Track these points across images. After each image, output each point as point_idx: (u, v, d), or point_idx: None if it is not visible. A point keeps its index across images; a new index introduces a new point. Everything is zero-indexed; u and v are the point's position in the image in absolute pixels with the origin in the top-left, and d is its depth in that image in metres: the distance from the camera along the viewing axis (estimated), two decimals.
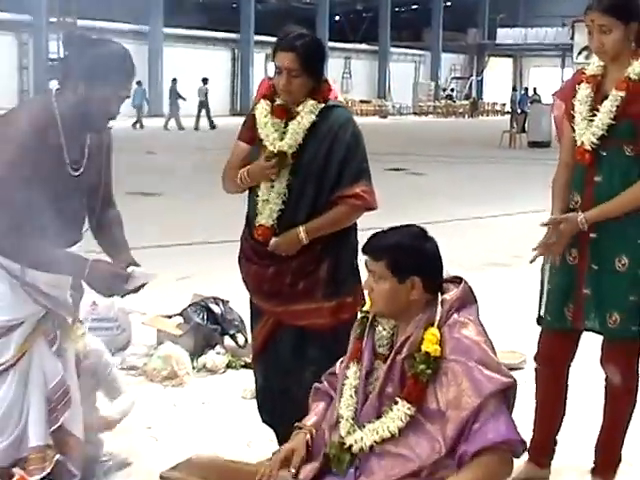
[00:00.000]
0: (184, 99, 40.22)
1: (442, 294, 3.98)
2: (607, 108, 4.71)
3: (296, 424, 4.21)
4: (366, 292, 4.06)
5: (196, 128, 39.77)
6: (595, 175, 4.79)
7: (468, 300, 4.00)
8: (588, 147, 4.74)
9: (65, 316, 4.71)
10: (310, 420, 4.22)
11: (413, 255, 3.94)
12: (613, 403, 5.03)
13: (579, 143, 4.79)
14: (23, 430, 4.57)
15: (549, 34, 63.45)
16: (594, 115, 4.75)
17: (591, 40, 4.75)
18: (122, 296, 4.48)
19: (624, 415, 5.03)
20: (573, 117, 4.86)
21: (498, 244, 13.27)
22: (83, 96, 4.32)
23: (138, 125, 39.91)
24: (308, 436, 4.13)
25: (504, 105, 55.94)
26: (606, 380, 5.02)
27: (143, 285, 4.40)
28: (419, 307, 3.94)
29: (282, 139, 4.81)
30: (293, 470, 4.05)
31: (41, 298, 4.50)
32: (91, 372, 4.90)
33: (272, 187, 4.83)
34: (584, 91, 4.84)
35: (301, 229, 4.77)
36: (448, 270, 4.15)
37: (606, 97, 4.75)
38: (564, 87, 5.17)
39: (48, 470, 4.57)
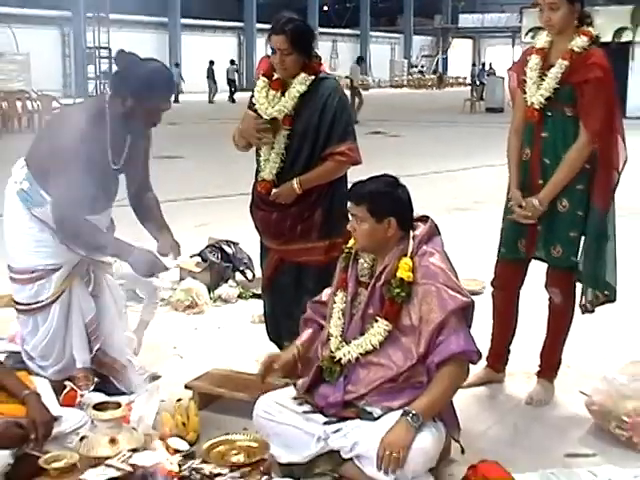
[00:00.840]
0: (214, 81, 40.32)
1: (413, 230, 4.03)
2: (553, 74, 4.73)
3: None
4: (351, 231, 4.10)
5: (210, 102, 39.58)
6: (542, 132, 4.82)
7: (434, 234, 4.09)
8: (537, 107, 4.77)
9: (97, 261, 4.75)
10: (299, 340, 4.31)
11: (388, 199, 4.00)
12: (554, 318, 5.08)
13: (529, 104, 4.81)
14: (70, 355, 4.64)
15: (501, 19, 63.48)
16: (542, 80, 4.77)
17: (541, 16, 4.75)
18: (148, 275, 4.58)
19: (563, 328, 5.08)
20: (525, 83, 4.87)
21: (461, 192, 13.27)
22: (131, 108, 4.37)
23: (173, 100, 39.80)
24: (296, 350, 4.24)
25: (465, 78, 55.79)
26: (549, 300, 5.06)
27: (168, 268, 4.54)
28: (394, 242, 4.00)
29: (274, 107, 4.82)
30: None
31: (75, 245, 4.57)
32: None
33: (272, 148, 4.86)
34: (534, 60, 4.85)
35: (295, 181, 4.81)
36: (420, 213, 4.20)
37: (552, 65, 4.76)
38: (517, 61, 5.17)
39: (92, 387, 4.65)
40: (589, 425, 4.72)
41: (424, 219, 4.14)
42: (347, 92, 23.64)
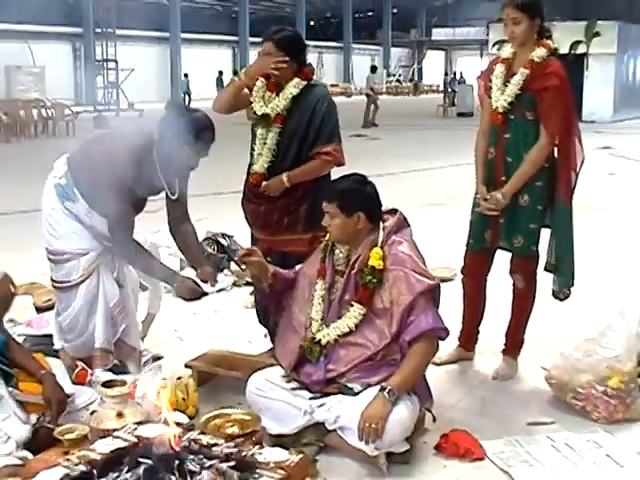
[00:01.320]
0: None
1: (383, 222, 4.05)
2: (516, 81, 4.76)
3: None
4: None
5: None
6: (505, 133, 4.84)
7: (402, 225, 4.12)
8: (501, 110, 4.80)
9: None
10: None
11: (356, 196, 4.03)
12: (517, 302, 5.11)
13: (494, 108, 4.84)
14: (91, 334, 4.68)
15: (470, 32, 63.66)
16: (506, 87, 4.80)
17: (506, 30, 4.80)
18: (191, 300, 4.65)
19: (525, 310, 5.11)
20: (490, 90, 4.89)
21: (435, 189, 13.27)
22: (174, 152, 4.38)
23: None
24: (271, 269, 4.30)
25: (438, 86, 55.67)
26: (513, 285, 5.08)
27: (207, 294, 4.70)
28: (365, 234, 4.03)
29: (268, 106, 4.82)
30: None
31: (101, 237, 4.63)
32: None
33: (264, 144, 4.85)
34: (499, 69, 4.89)
35: (284, 175, 4.80)
36: (399, 208, 4.23)
37: (515, 74, 4.79)
38: (484, 71, 5.19)
39: (109, 366, 4.67)
40: (548, 396, 4.74)
41: (393, 212, 4.17)
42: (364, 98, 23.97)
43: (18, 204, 10.53)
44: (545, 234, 4.95)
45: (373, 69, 32.67)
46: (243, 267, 4.32)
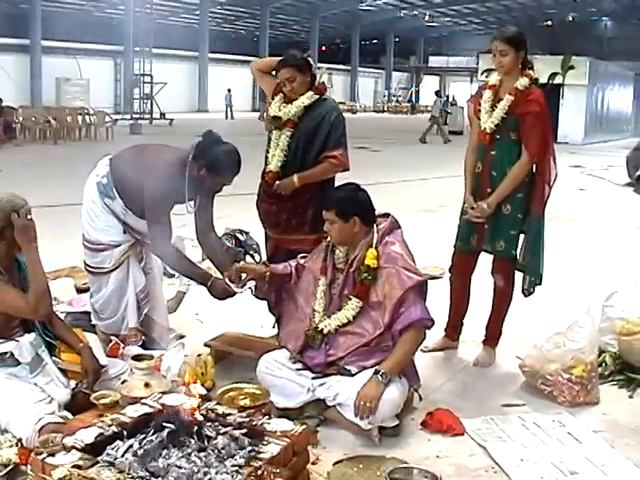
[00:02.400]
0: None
1: (377, 225, 4.05)
2: (502, 106, 4.78)
3: None
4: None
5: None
6: (491, 151, 4.86)
7: (394, 227, 4.15)
8: (488, 131, 4.83)
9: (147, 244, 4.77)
10: (273, 266, 4.42)
11: (351, 203, 4.05)
12: (497, 298, 5.10)
13: (482, 129, 4.85)
14: (123, 315, 4.71)
15: (463, 61, 63.50)
16: (493, 110, 4.82)
17: (494, 60, 4.82)
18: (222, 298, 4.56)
19: (504, 306, 5.10)
20: (479, 112, 4.89)
21: (428, 197, 13.24)
22: (202, 176, 4.39)
23: (229, 117, 40.22)
24: (268, 271, 4.33)
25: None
26: (494, 284, 5.08)
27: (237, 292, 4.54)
28: (361, 236, 4.05)
29: (281, 111, 4.86)
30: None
31: (133, 232, 4.66)
32: None
33: (278, 145, 4.86)
34: (487, 94, 4.90)
35: (295, 176, 4.80)
36: (397, 213, 4.26)
37: (501, 99, 4.80)
38: (474, 95, 5.19)
39: (140, 342, 4.71)
40: (521, 382, 4.75)
41: (386, 215, 4.20)
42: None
43: (64, 198, 10.52)
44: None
45: (437, 93, 31.30)
46: (257, 260, 4.32)
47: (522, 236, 4.92)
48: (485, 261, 5.10)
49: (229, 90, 41.04)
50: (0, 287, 3.72)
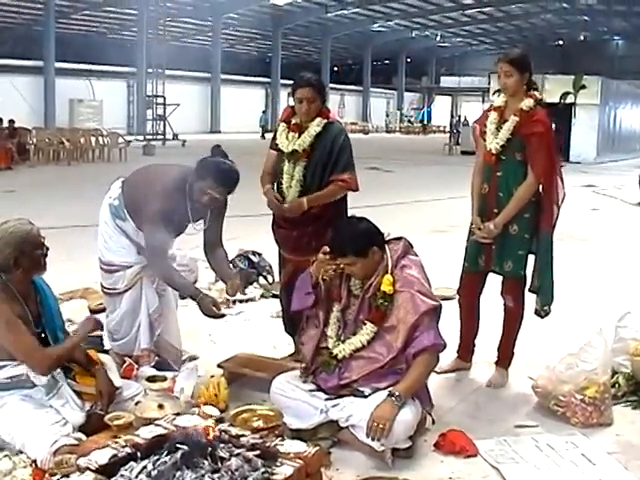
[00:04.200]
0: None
1: (390, 250, 4.07)
2: (507, 127, 4.81)
3: None
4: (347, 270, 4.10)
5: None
6: (497, 172, 4.87)
7: (408, 251, 4.15)
8: (494, 152, 4.85)
9: None
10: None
11: (362, 238, 4.04)
12: (508, 319, 5.10)
13: (488, 149, 4.87)
14: (136, 335, 4.77)
15: (474, 81, 63.35)
16: (498, 132, 4.84)
17: (499, 81, 4.86)
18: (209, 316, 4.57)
19: (515, 327, 5.10)
20: (485, 134, 4.92)
21: (440, 217, 13.22)
22: (201, 191, 4.46)
23: (264, 137, 40.08)
24: None
25: (445, 127, 55.68)
26: (504, 305, 5.08)
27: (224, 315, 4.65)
28: (379, 261, 4.01)
29: (295, 144, 4.86)
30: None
31: (144, 252, 4.69)
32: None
33: (292, 177, 4.88)
34: (492, 116, 4.94)
35: (304, 198, 4.84)
36: (408, 234, 4.27)
37: (506, 121, 4.83)
38: (480, 116, 5.21)
39: (153, 363, 4.74)
40: (534, 403, 4.73)
41: (398, 239, 4.19)
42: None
43: (77, 219, 10.58)
44: (532, 259, 4.96)
45: None
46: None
47: (532, 257, 4.93)
48: (496, 282, 5.10)
49: (264, 111, 41.31)
50: (18, 331, 3.72)
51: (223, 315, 4.60)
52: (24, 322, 3.75)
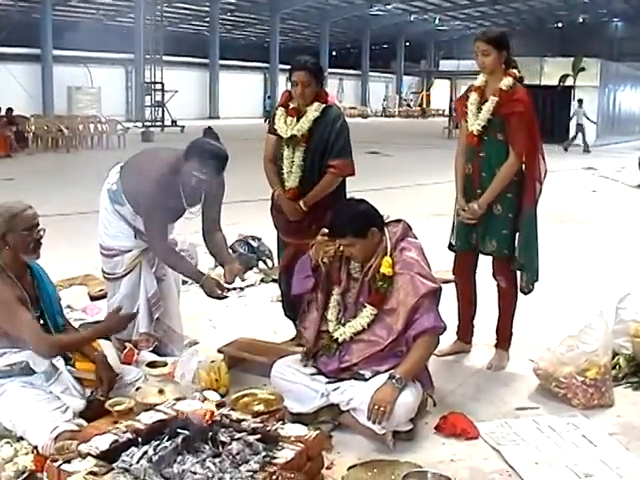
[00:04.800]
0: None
1: (389, 232, 4.05)
2: (487, 108, 4.83)
3: None
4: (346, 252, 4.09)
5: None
6: (480, 152, 4.90)
7: (407, 232, 4.14)
8: (476, 133, 4.87)
9: None
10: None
11: (361, 219, 4.02)
12: (502, 300, 5.12)
13: (470, 131, 4.90)
14: (135, 319, 4.71)
15: (473, 64, 61.47)
16: (479, 112, 4.86)
17: (477, 60, 4.89)
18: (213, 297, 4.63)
19: (510, 307, 5.12)
20: (467, 114, 4.94)
21: (440, 201, 13.13)
22: (189, 173, 4.43)
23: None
24: None
25: (444, 110, 55.50)
26: (497, 287, 5.09)
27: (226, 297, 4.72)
28: (379, 243, 4.00)
29: (293, 129, 4.83)
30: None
31: (143, 236, 4.72)
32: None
33: (292, 162, 4.87)
34: (473, 97, 4.96)
35: (301, 202, 4.87)
36: (408, 217, 4.26)
37: (486, 101, 4.85)
38: (460, 96, 5.23)
39: (152, 347, 4.75)
40: (535, 385, 4.73)
41: (397, 221, 4.18)
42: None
43: (76, 206, 10.59)
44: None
45: (580, 102, 27.98)
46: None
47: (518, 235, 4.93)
48: (489, 264, 5.09)
49: (269, 97, 41.10)
50: (21, 312, 3.72)
51: (226, 296, 4.60)
52: (24, 305, 3.75)
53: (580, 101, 27.15)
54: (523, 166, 4.86)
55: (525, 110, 4.78)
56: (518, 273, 4.97)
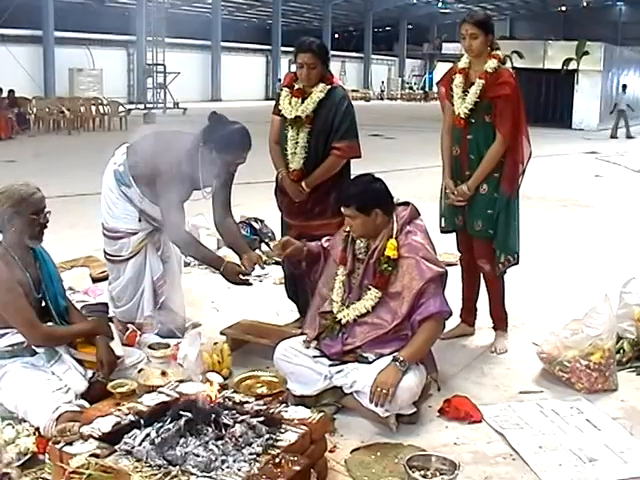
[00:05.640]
0: None
1: (397, 215, 4.02)
2: (474, 91, 4.82)
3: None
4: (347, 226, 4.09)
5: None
6: (467, 134, 4.89)
7: (414, 216, 4.10)
8: (462, 116, 4.85)
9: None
10: (309, 244, 4.37)
11: (370, 195, 4.00)
12: (489, 283, 5.14)
13: (457, 114, 4.88)
14: (139, 302, 4.75)
15: None
16: (466, 95, 4.84)
17: (464, 43, 4.88)
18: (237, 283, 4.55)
19: (498, 289, 5.13)
20: (452, 97, 4.93)
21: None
22: (214, 158, 4.36)
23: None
24: (305, 247, 4.30)
25: None
26: (480, 269, 5.09)
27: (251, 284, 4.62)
28: (383, 226, 3.98)
29: (298, 110, 4.80)
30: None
31: (150, 219, 4.68)
32: None
33: (297, 143, 4.84)
34: (458, 79, 4.94)
35: (303, 183, 4.84)
36: (412, 200, 4.21)
37: (472, 83, 4.84)
38: (443, 77, 5.19)
39: (156, 330, 4.73)
40: (538, 369, 4.71)
41: (406, 204, 4.14)
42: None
43: (78, 188, 10.58)
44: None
45: (624, 87, 27.60)
46: (276, 252, 4.35)
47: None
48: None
49: (279, 80, 40.89)
50: (18, 299, 3.70)
51: (250, 283, 4.55)
52: (25, 288, 3.73)
53: (624, 86, 26.98)
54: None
55: (511, 93, 4.78)
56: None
